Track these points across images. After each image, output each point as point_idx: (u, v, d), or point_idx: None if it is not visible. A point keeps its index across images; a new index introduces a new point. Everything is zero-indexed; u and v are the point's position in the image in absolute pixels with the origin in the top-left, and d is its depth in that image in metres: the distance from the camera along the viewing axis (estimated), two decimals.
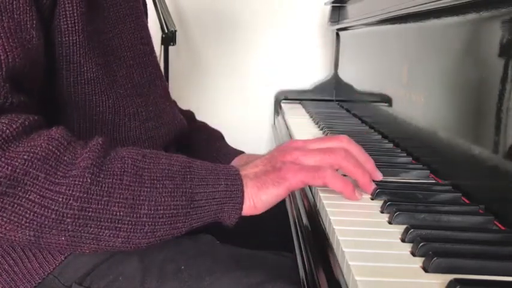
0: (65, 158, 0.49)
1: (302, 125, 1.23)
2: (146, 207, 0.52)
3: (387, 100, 1.01)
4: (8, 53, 0.50)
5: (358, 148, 0.63)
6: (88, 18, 0.61)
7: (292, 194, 0.80)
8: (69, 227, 0.49)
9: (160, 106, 0.75)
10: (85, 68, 0.62)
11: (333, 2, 1.62)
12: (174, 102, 0.92)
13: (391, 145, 0.94)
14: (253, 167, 0.60)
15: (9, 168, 0.46)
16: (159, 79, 0.77)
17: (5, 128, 0.47)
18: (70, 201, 0.48)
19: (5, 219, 0.47)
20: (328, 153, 0.60)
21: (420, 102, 0.83)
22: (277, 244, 0.75)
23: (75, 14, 0.59)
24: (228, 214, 0.57)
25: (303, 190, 0.73)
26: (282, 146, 0.63)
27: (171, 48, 1.67)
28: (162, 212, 0.53)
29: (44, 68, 0.58)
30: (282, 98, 1.75)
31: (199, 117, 0.98)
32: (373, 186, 0.62)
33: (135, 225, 0.52)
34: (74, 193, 0.48)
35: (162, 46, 1.65)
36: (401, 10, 0.91)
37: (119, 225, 0.51)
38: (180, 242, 0.69)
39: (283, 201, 0.86)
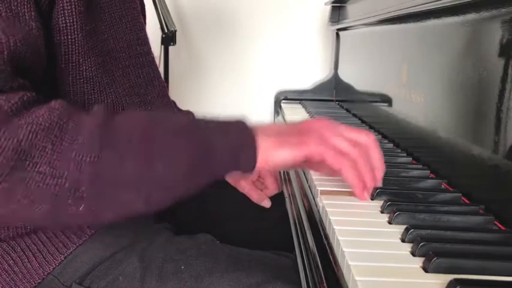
0: (69, 126, 0.47)
1: None
2: (162, 163, 0.49)
3: (387, 100, 1.01)
4: (10, 37, 0.49)
5: (380, 153, 0.62)
6: (86, 17, 0.61)
7: (292, 194, 0.80)
8: (85, 195, 0.47)
9: (158, 106, 0.75)
10: (84, 67, 0.62)
11: (333, 2, 1.62)
12: (173, 103, 0.92)
13: (391, 145, 0.94)
14: (278, 126, 0.59)
15: (15, 141, 0.44)
16: (157, 79, 0.77)
17: (3, 103, 0.46)
18: (82, 167, 0.46)
19: (19, 196, 0.45)
20: (353, 145, 0.58)
21: (420, 102, 0.83)
22: (277, 244, 0.75)
23: (74, 13, 0.59)
24: (245, 159, 0.54)
25: (303, 190, 0.73)
26: (311, 120, 0.62)
27: (171, 48, 1.67)
28: (179, 168, 0.50)
29: (44, 57, 0.57)
30: (282, 98, 1.74)
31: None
32: (369, 195, 0.62)
33: (154, 182, 0.49)
34: (84, 158, 0.46)
35: (162, 46, 1.65)
36: (401, 10, 0.91)
37: (137, 185, 0.49)
38: (180, 242, 0.69)
39: (283, 201, 0.86)
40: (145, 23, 0.85)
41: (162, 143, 0.50)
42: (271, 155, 0.55)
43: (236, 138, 0.54)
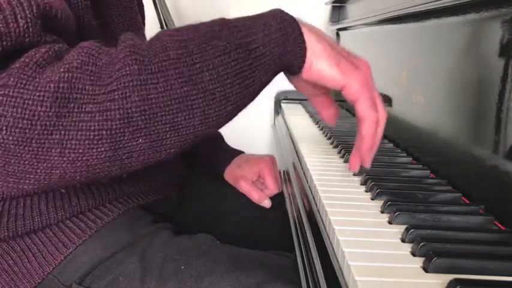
0: (103, 59, 0.46)
1: (302, 125, 1.23)
2: (207, 74, 0.47)
3: (387, 100, 1.01)
4: None
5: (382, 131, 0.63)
6: (92, 12, 0.61)
7: (292, 194, 0.80)
8: (140, 124, 0.45)
9: None
10: None
11: (333, 2, 1.62)
12: None
13: (391, 145, 0.94)
14: (327, 39, 0.57)
15: (52, 85, 0.42)
16: None
17: (34, 53, 0.44)
18: (127, 95, 0.44)
19: (74, 142, 0.43)
20: (380, 109, 0.61)
21: (420, 102, 0.83)
22: (277, 244, 0.76)
23: (80, 7, 0.58)
24: (294, 54, 0.52)
25: (303, 190, 0.73)
26: (357, 59, 0.60)
27: None
28: (224, 72, 0.48)
29: (75, 25, 0.55)
30: (282, 98, 1.74)
31: None
32: (358, 166, 0.64)
33: (204, 96, 0.47)
34: (127, 85, 0.44)
35: None
36: (401, 10, 0.91)
37: (189, 103, 0.47)
38: (180, 242, 0.69)
39: (283, 201, 0.87)
40: (144, 23, 0.85)
41: (201, 53, 0.48)
42: (318, 63, 0.54)
43: (278, 31, 0.52)
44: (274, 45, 0.51)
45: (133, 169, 0.50)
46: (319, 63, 0.55)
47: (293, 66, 0.54)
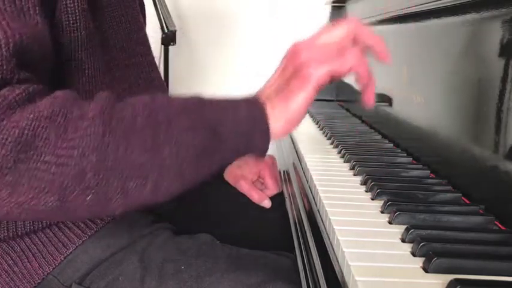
0: (73, 113, 0.46)
1: (302, 124, 1.23)
2: (167, 148, 0.48)
3: (387, 100, 1.01)
4: (15, 31, 0.48)
5: (368, 29, 0.60)
6: (89, 15, 0.61)
7: (292, 194, 0.80)
8: (91, 183, 0.45)
9: None
10: (86, 65, 0.61)
11: (333, 2, 1.62)
12: None
13: (391, 145, 0.94)
14: (269, 85, 0.57)
15: (17, 131, 0.43)
16: (157, 79, 0.77)
17: (7, 94, 0.44)
18: (86, 155, 0.45)
19: (25, 187, 0.44)
20: (343, 50, 0.57)
21: (420, 102, 0.83)
22: (277, 244, 0.75)
23: (77, 11, 0.58)
24: (258, 140, 0.53)
25: (303, 190, 0.73)
26: (291, 50, 0.59)
27: (171, 48, 1.67)
28: (185, 150, 0.48)
29: (52, 51, 0.55)
30: None
31: None
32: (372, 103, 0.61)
33: (160, 169, 0.48)
34: (88, 145, 0.45)
35: (162, 46, 1.65)
36: (401, 10, 0.91)
37: (144, 173, 0.47)
38: (180, 242, 0.69)
39: (283, 201, 0.87)
40: (145, 23, 0.85)
41: (168, 125, 0.48)
42: (288, 114, 0.54)
43: (245, 117, 0.52)
44: (239, 134, 0.52)
45: (75, 219, 0.52)
46: (294, 117, 0.55)
47: (254, 154, 0.55)
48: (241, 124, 0.51)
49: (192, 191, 0.85)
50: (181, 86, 1.90)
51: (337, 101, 1.67)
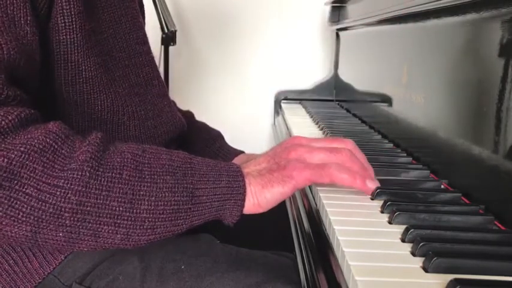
0: (63, 151, 0.48)
1: (302, 125, 1.23)
2: (146, 203, 0.50)
3: (387, 100, 1.01)
4: (3, 46, 0.49)
5: (362, 155, 0.63)
6: (85, 17, 0.61)
7: (292, 194, 0.80)
8: (67, 222, 0.48)
9: (158, 105, 0.75)
10: (83, 67, 0.62)
11: (333, 2, 1.62)
12: (173, 103, 0.92)
13: (391, 145, 0.94)
14: (256, 164, 0.60)
15: (6, 160, 0.44)
16: (157, 79, 0.77)
17: (0, 120, 0.46)
18: (68, 195, 0.47)
19: (1, 214, 0.45)
20: (334, 152, 0.60)
21: (420, 102, 0.83)
22: (277, 244, 0.75)
23: (72, 13, 0.59)
24: (230, 211, 0.56)
25: (303, 190, 0.73)
26: (285, 143, 0.62)
27: (171, 48, 1.67)
28: (162, 207, 0.51)
29: (39, 65, 0.57)
30: (282, 98, 1.74)
31: (199, 117, 0.98)
32: (373, 188, 0.62)
33: (134, 221, 0.50)
34: (72, 187, 0.47)
35: (162, 46, 1.65)
36: (401, 10, 0.91)
37: (118, 221, 0.50)
38: (180, 242, 0.69)
39: (283, 201, 0.86)
40: (144, 23, 0.85)
41: (151, 182, 0.51)
42: (262, 199, 0.57)
43: (225, 189, 0.55)
44: (216, 200, 0.55)
45: (41, 249, 0.56)
46: (263, 199, 0.57)
47: (226, 220, 0.57)
48: (218, 193, 0.55)
49: None
50: (181, 86, 1.90)
51: (337, 101, 1.67)
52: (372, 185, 0.60)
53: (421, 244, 0.46)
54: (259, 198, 0.56)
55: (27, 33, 0.53)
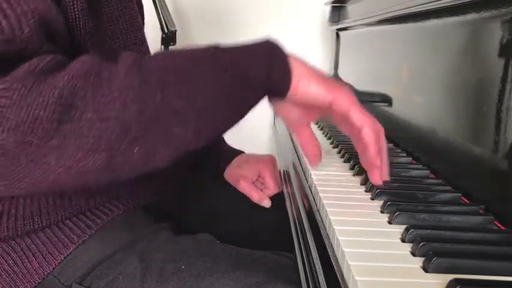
0: (104, 71, 0.47)
1: None
2: (201, 92, 0.50)
3: (387, 100, 1.01)
4: (39, 5, 0.48)
5: (386, 146, 0.64)
6: (88, 14, 0.61)
7: (292, 194, 0.80)
8: (137, 134, 0.46)
9: None
10: None
11: (333, 2, 1.62)
12: None
13: (391, 145, 0.94)
14: (307, 64, 0.60)
15: (56, 92, 0.43)
16: None
17: (38, 62, 0.45)
18: (127, 106, 0.46)
19: (72, 148, 0.44)
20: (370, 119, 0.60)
21: (420, 102, 0.83)
22: (277, 244, 0.75)
23: (76, 9, 0.59)
24: (280, 77, 0.55)
25: (303, 190, 0.73)
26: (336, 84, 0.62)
27: (171, 48, 1.67)
28: (217, 91, 0.51)
29: (67, 38, 0.57)
30: None
31: None
32: (379, 175, 0.62)
33: (198, 113, 0.50)
34: (127, 96, 0.46)
35: (162, 46, 1.65)
36: (401, 10, 0.91)
37: (184, 118, 0.49)
38: (180, 242, 0.69)
39: (283, 201, 0.87)
40: (143, 23, 0.85)
41: (195, 71, 0.50)
42: (304, 83, 0.56)
43: (265, 52, 0.55)
44: (261, 70, 0.54)
45: (122, 179, 0.52)
46: (305, 84, 0.57)
47: (279, 89, 0.57)
48: (262, 58, 0.55)
49: (192, 191, 0.86)
50: None
51: None
52: (378, 163, 0.61)
53: (421, 244, 0.46)
54: (301, 80, 0.56)
55: (51, 4, 0.52)
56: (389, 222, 0.54)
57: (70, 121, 0.44)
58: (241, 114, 0.54)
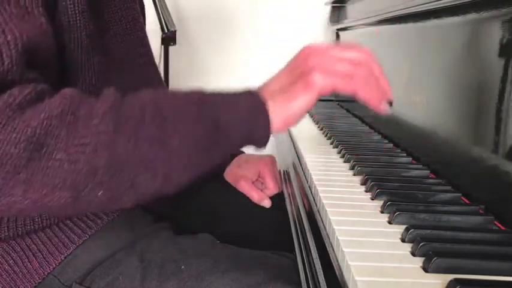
0: (82, 111, 0.47)
1: (302, 124, 1.23)
2: (176, 139, 0.49)
3: (387, 100, 1.01)
4: (22, 32, 0.49)
5: (379, 66, 0.61)
6: (89, 16, 0.61)
7: (292, 194, 0.80)
8: (104, 178, 0.47)
9: None
10: (86, 66, 0.62)
11: (333, 2, 1.62)
12: None
13: (391, 145, 0.94)
14: (276, 81, 0.58)
15: (29, 130, 0.44)
16: (157, 80, 0.77)
17: (17, 94, 0.45)
18: (98, 151, 0.46)
19: (38, 183, 0.45)
20: (357, 64, 0.58)
21: (420, 102, 0.83)
22: (277, 244, 0.75)
23: (77, 11, 0.59)
24: (258, 133, 0.55)
25: (303, 190, 0.73)
26: (301, 53, 0.59)
27: (171, 48, 1.67)
28: (192, 140, 0.50)
29: (55, 53, 0.57)
30: None
31: None
32: (387, 106, 0.60)
33: (169, 161, 0.49)
34: (99, 141, 0.46)
35: (162, 46, 1.65)
36: (401, 10, 0.91)
37: (154, 166, 0.48)
38: (180, 242, 0.69)
39: (283, 201, 0.87)
40: (145, 23, 0.85)
41: (174, 119, 0.50)
42: (287, 112, 0.55)
43: (246, 108, 0.54)
44: (241, 124, 0.53)
45: (87, 212, 0.54)
46: (292, 117, 0.56)
47: (258, 144, 0.56)
48: (243, 115, 0.53)
49: (192, 191, 0.86)
50: (181, 86, 1.90)
51: (337, 101, 1.67)
52: (386, 107, 0.59)
53: (421, 244, 0.46)
54: (285, 114, 0.55)
55: (42, 24, 0.52)
56: (390, 222, 0.54)
57: (39, 159, 0.45)
58: (213, 165, 0.53)
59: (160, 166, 0.49)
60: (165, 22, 1.61)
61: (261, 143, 0.56)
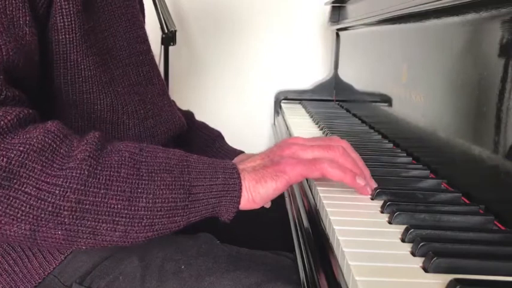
0: (62, 150, 0.48)
1: (302, 125, 1.23)
2: (144, 200, 0.51)
3: (387, 100, 1.01)
4: (2, 47, 0.50)
5: (357, 154, 0.64)
6: (84, 16, 0.61)
7: (292, 194, 0.80)
8: (66, 220, 0.48)
9: (158, 104, 0.75)
10: (82, 66, 0.62)
11: (333, 2, 1.62)
12: (173, 102, 0.92)
13: (391, 145, 0.94)
14: (251, 161, 0.61)
15: (5, 159, 0.45)
16: (157, 78, 0.77)
17: None
18: (67, 194, 0.47)
19: (0, 212, 0.46)
20: (326, 148, 0.61)
21: (420, 102, 0.83)
22: (277, 244, 0.75)
23: (71, 12, 0.59)
24: (226, 208, 0.57)
25: (303, 190, 0.73)
26: (281, 142, 0.64)
27: (171, 48, 1.67)
28: (160, 205, 0.52)
29: (38, 65, 0.57)
30: (282, 98, 1.75)
31: (199, 117, 0.98)
32: (370, 189, 0.63)
33: (132, 218, 0.51)
34: (71, 185, 0.47)
35: (162, 46, 1.65)
36: (401, 10, 0.91)
37: (117, 219, 0.50)
38: (180, 242, 0.69)
39: (283, 201, 0.87)
40: (144, 21, 0.85)
41: (148, 180, 0.52)
42: (256, 194, 0.57)
43: (221, 183, 0.56)
44: (212, 197, 0.56)
45: (41, 248, 0.57)
46: (259, 198, 0.58)
47: (222, 217, 0.58)
48: (215, 190, 0.56)
49: None
50: (181, 86, 1.90)
51: (337, 101, 1.67)
52: (363, 182, 0.61)
53: (421, 244, 0.46)
54: (253, 193, 0.57)
55: (26, 34, 0.53)
56: (390, 222, 0.54)
57: (8, 188, 0.45)
58: (175, 229, 0.54)
59: (122, 221, 0.50)
60: (165, 22, 1.61)
61: (227, 216, 0.58)
